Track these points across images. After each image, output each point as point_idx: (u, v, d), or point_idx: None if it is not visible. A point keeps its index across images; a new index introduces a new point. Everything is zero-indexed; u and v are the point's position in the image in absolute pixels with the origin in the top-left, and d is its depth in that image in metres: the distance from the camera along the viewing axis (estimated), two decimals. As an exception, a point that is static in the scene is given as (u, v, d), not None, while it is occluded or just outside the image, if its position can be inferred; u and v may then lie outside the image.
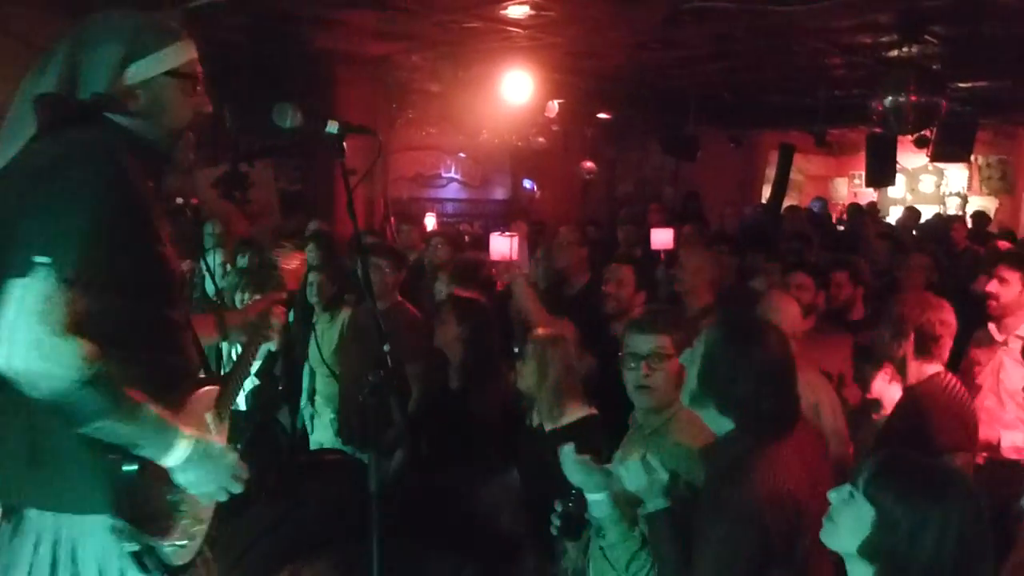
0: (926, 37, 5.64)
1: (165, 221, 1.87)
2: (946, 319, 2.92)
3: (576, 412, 3.05)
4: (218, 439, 1.87)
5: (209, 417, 1.89)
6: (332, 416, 4.40)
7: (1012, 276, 3.50)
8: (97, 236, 1.62)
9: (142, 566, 1.69)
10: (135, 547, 1.67)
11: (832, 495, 1.58)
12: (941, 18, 5.47)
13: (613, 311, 4.05)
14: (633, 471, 1.96)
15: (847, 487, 1.57)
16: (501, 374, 3.54)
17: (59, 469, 1.69)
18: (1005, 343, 3.52)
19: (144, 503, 1.69)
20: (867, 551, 1.52)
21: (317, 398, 4.54)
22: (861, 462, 1.62)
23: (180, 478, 1.72)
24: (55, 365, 1.53)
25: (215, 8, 5.13)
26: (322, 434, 4.45)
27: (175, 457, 1.69)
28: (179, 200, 3.18)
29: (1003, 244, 7.11)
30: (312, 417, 4.58)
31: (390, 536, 2.70)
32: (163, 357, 1.80)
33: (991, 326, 3.61)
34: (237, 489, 1.80)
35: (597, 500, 2.04)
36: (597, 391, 3.23)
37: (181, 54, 1.82)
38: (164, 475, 1.72)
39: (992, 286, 3.55)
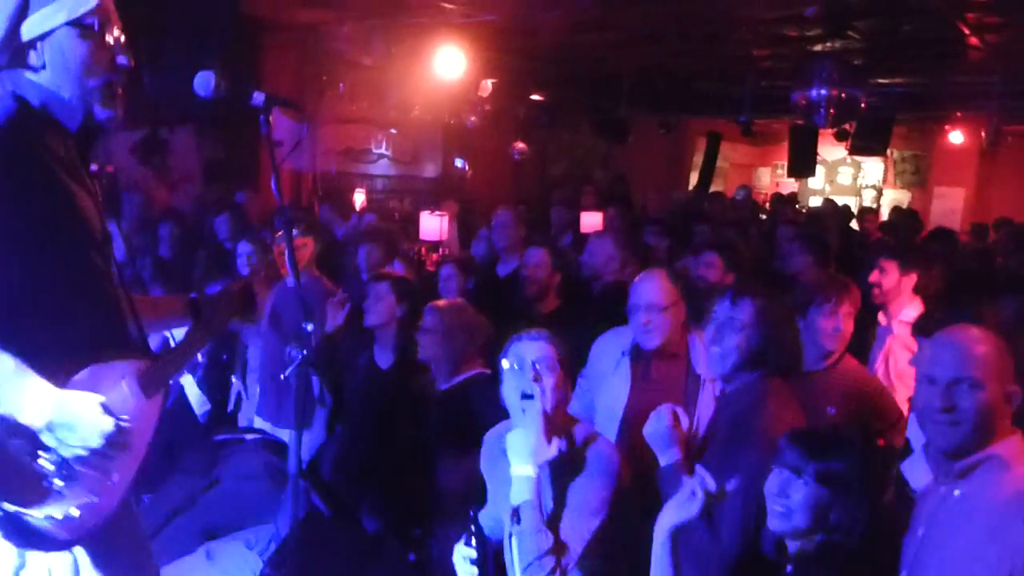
0: (849, 33, 5.82)
1: (88, 180, 1.77)
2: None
3: (469, 372, 3.13)
4: (119, 407, 1.76)
5: (126, 386, 1.78)
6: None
7: (890, 265, 3.75)
8: None
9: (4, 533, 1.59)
10: None
11: (772, 483, 1.79)
12: (864, 14, 5.64)
13: (533, 294, 4.08)
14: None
15: (785, 472, 1.78)
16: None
17: None
18: (890, 328, 3.71)
19: (10, 465, 1.57)
20: (820, 525, 1.74)
21: (249, 374, 4.45)
22: (787, 447, 1.81)
23: (46, 439, 1.61)
24: None
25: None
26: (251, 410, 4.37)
27: (34, 415, 1.59)
28: (93, 167, 3.04)
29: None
30: (239, 395, 4.49)
31: (309, 515, 2.68)
32: (72, 329, 1.71)
33: (879, 315, 3.80)
34: (112, 452, 1.68)
35: (523, 477, 1.99)
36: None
37: (81, 5, 1.69)
38: (29, 435, 1.60)
39: (874, 276, 3.77)
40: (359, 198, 8.54)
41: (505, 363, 2.18)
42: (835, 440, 1.84)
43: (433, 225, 6.69)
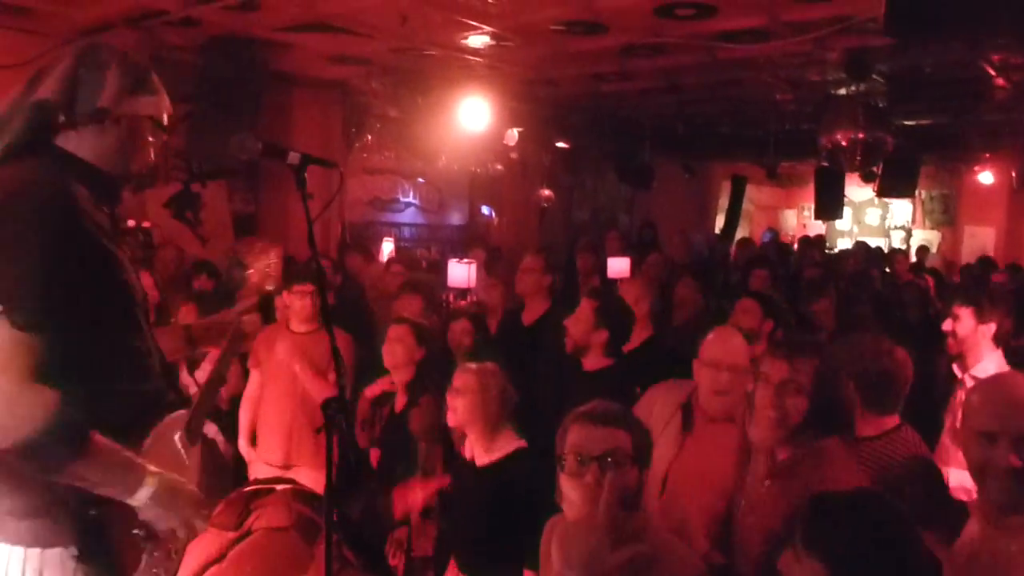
0: (873, 76, 5.84)
1: (126, 246, 1.87)
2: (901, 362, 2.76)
3: (508, 445, 2.97)
4: (182, 468, 1.85)
5: (178, 441, 1.87)
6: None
7: (964, 312, 3.48)
8: (49, 277, 1.60)
9: None
10: None
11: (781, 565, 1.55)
12: (886, 58, 5.67)
13: (570, 348, 3.90)
14: None
15: (789, 552, 1.53)
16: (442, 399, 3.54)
17: (22, 507, 1.67)
18: (962, 381, 3.47)
19: (109, 539, 1.68)
20: None
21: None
22: (793, 523, 1.59)
23: (145, 515, 1.72)
24: (19, 417, 1.52)
25: (171, 27, 5.09)
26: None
27: (140, 496, 1.69)
28: (131, 222, 3.14)
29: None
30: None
31: (342, 567, 2.66)
32: (129, 387, 1.78)
33: (954, 366, 3.58)
34: (202, 524, 1.83)
35: None
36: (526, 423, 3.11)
37: (163, 108, 1.93)
38: (130, 512, 1.71)
39: (947, 324, 3.53)
40: (387, 247, 8.64)
41: (565, 454, 1.84)
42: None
43: (461, 273, 6.74)
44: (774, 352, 2.15)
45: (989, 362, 3.41)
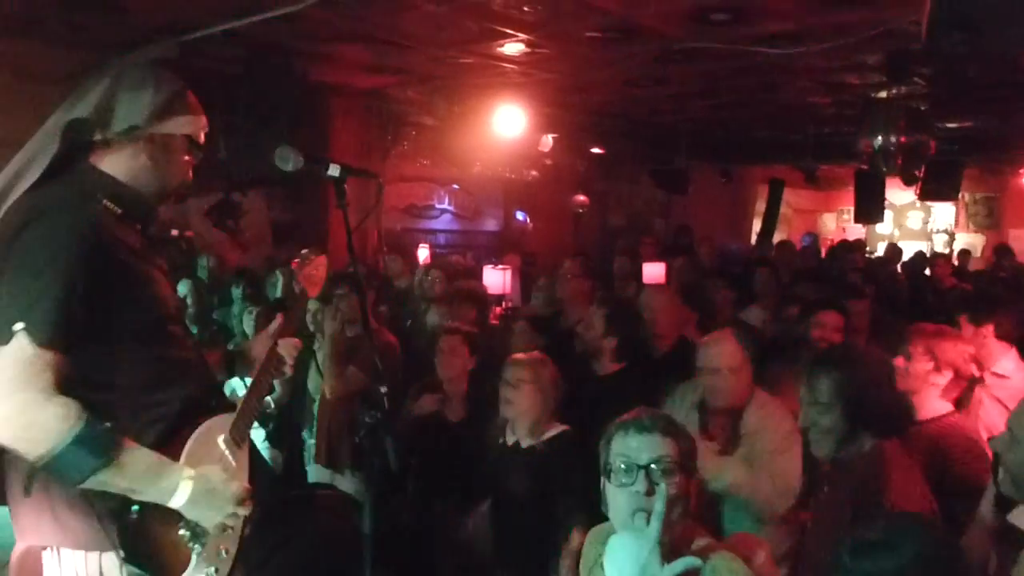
0: (913, 79, 5.74)
1: (156, 259, 1.91)
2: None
3: (554, 429, 3.12)
4: (225, 466, 1.90)
5: (223, 443, 1.91)
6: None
7: (962, 319, 3.74)
8: (71, 295, 1.65)
9: None
10: None
11: None
12: (927, 60, 5.57)
13: (580, 352, 4.05)
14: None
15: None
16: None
17: (75, 515, 1.73)
18: (982, 379, 3.60)
19: (154, 541, 1.72)
20: None
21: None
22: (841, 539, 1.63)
23: (189, 515, 1.77)
24: (44, 429, 1.57)
25: (211, 40, 5.18)
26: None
27: (179, 499, 1.73)
28: (174, 232, 3.20)
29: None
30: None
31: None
32: (164, 395, 1.82)
33: (971, 365, 3.66)
34: (245, 512, 1.87)
35: None
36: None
37: (199, 127, 1.97)
38: (173, 513, 1.75)
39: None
40: (423, 253, 8.70)
41: (612, 463, 1.80)
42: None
43: (496, 279, 6.77)
44: (807, 373, 2.33)
45: (1007, 360, 3.62)
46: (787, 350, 4.02)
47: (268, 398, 4.64)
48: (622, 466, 1.76)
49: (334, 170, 1.96)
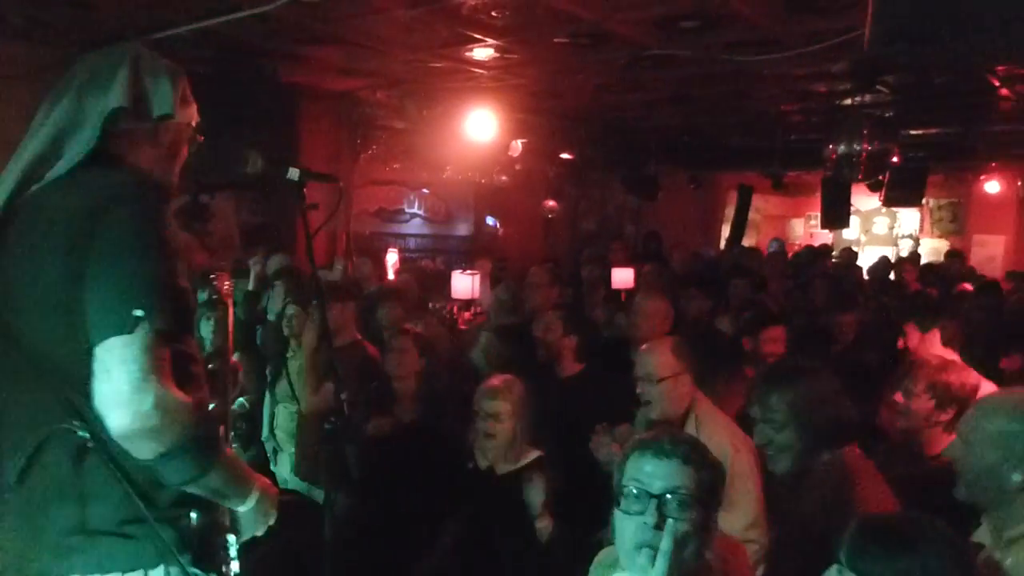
0: (878, 87, 5.83)
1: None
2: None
3: (530, 455, 3.07)
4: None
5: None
6: (292, 451, 4.34)
7: (909, 328, 3.93)
8: (165, 280, 1.57)
9: None
10: None
11: None
12: (892, 68, 5.66)
13: (543, 357, 4.04)
14: None
15: (834, 568, 1.49)
16: (447, 413, 3.56)
17: (112, 534, 1.59)
18: None
19: (208, 545, 1.69)
20: None
21: (279, 432, 4.48)
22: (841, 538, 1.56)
23: (245, 520, 1.74)
24: (175, 421, 1.48)
25: (180, 40, 5.12)
26: (284, 469, 4.39)
27: (249, 503, 1.71)
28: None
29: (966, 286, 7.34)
30: (275, 451, 4.52)
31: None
32: (202, 396, 1.76)
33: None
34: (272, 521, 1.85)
35: None
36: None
37: (197, 115, 1.92)
38: (220, 517, 1.71)
39: (900, 343, 3.99)
40: (392, 257, 8.66)
41: (622, 484, 1.60)
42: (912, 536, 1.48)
43: (465, 284, 6.75)
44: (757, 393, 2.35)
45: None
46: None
47: (241, 399, 4.60)
48: (633, 491, 1.56)
49: (293, 174, 1.94)
